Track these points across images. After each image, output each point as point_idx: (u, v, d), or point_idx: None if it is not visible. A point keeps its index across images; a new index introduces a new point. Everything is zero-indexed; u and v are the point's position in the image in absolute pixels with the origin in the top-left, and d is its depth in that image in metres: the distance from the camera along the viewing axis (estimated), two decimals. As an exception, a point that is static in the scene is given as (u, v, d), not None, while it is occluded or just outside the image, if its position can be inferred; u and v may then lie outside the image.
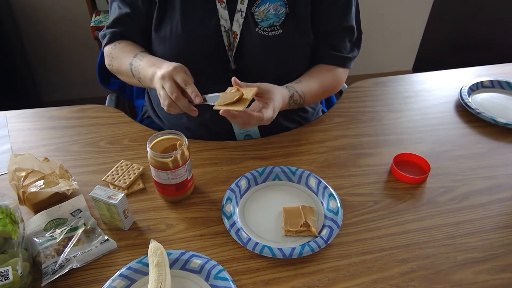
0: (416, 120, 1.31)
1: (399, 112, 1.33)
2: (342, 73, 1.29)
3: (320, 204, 1.01)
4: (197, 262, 0.86)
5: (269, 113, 1.00)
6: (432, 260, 0.90)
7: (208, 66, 1.16)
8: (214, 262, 0.86)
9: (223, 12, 1.12)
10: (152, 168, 0.96)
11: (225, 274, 0.84)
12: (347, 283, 0.85)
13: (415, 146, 1.20)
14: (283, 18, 1.14)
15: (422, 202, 1.03)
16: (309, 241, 0.91)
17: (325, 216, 0.98)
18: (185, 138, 0.96)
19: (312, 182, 1.04)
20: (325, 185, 1.03)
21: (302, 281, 0.86)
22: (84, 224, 0.93)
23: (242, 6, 1.12)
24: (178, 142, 0.97)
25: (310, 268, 0.88)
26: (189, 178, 0.99)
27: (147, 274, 0.84)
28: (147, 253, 0.85)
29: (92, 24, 2.21)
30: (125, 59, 1.15)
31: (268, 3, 1.13)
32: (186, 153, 0.96)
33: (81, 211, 0.98)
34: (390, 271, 0.88)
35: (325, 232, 0.93)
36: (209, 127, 1.25)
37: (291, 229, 0.93)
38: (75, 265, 0.85)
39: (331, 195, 1.01)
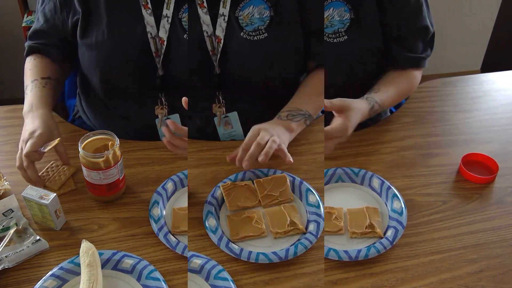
0: (484, 120, 1.28)
1: (467, 112, 1.31)
2: (417, 75, 1.28)
3: (383, 205, 1.02)
4: (128, 262, 0.86)
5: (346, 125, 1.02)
6: (501, 260, 0.89)
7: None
8: (214, 262, 0.87)
9: (149, 19, 1.10)
10: (84, 168, 0.96)
11: (225, 274, 0.85)
12: (415, 283, 0.86)
13: (483, 146, 1.18)
14: (268, 21, 1.13)
15: (490, 202, 1.02)
16: (374, 243, 0.92)
17: (390, 217, 0.98)
18: (117, 138, 0.96)
19: (375, 183, 1.05)
20: (389, 186, 1.03)
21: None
22: (16, 224, 0.92)
23: (224, 10, 1.11)
24: (110, 142, 0.97)
25: (378, 269, 0.89)
26: (120, 178, 0.99)
27: (79, 274, 0.83)
28: (79, 253, 0.86)
29: (24, 24, 2.12)
30: (27, 80, 1.18)
31: (251, 6, 1.12)
32: (118, 153, 0.96)
33: (12, 211, 0.96)
34: (459, 271, 0.88)
35: (390, 233, 0.93)
36: (200, 130, 1.22)
37: (356, 230, 0.94)
38: (6, 265, 0.85)
39: (394, 195, 1.01)
